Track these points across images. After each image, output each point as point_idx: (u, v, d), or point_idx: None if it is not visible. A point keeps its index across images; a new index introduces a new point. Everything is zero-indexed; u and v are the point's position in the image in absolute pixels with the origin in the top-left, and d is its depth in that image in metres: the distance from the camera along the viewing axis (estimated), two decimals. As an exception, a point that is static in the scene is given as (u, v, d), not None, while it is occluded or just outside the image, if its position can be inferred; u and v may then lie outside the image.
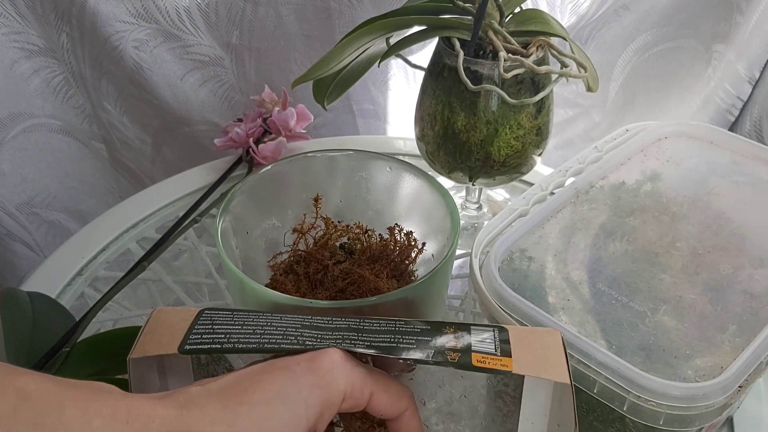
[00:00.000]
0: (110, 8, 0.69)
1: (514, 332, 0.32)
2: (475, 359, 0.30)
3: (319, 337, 0.31)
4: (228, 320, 0.32)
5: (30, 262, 0.83)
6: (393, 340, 0.31)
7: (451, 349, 0.30)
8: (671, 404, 0.32)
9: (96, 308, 0.48)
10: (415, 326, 0.32)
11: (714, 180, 0.45)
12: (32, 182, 0.79)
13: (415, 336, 0.31)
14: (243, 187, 0.45)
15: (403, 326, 0.32)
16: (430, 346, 0.31)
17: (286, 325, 0.32)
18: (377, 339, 0.31)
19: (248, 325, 0.32)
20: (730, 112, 0.77)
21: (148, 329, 0.33)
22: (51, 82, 0.75)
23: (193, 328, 0.32)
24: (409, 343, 0.31)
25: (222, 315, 0.33)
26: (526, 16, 0.51)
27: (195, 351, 0.31)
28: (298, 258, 0.47)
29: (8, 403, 0.24)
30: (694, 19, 0.73)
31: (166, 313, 0.33)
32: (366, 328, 0.32)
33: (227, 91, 0.79)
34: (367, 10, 0.72)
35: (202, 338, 0.31)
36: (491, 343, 0.31)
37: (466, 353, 0.30)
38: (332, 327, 0.32)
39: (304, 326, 0.32)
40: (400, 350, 0.30)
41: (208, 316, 0.33)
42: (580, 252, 0.41)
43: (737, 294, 0.37)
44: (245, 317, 0.33)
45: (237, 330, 0.32)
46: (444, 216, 0.44)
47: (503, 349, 0.31)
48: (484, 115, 0.49)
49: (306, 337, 0.31)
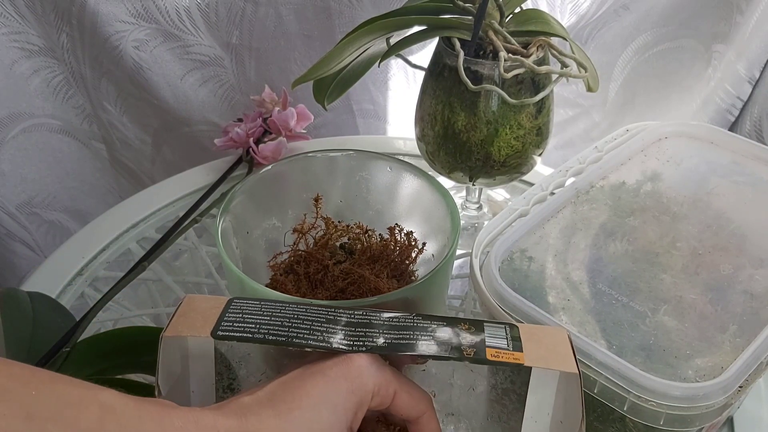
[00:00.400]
0: (110, 8, 0.69)
1: (524, 329, 0.34)
2: (489, 354, 0.32)
3: (343, 332, 0.33)
4: (257, 310, 0.34)
5: (30, 262, 0.83)
6: (412, 336, 0.33)
7: (467, 344, 0.32)
8: (671, 404, 0.32)
9: (96, 308, 0.48)
10: (432, 322, 0.34)
11: (714, 180, 0.45)
12: (32, 182, 0.79)
13: (432, 332, 0.33)
14: (243, 187, 0.45)
15: (420, 322, 0.34)
16: (447, 341, 0.32)
17: (312, 319, 0.33)
18: (397, 335, 0.33)
19: (276, 317, 0.33)
20: (730, 112, 0.77)
21: (181, 312, 0.34)
22: (51, 82, 0.75)
23: (224, 316, 0.33)
24: (427, 339, 0.32)
25: (251, 305, 0.34)
26: (526, 16, 0.51)
27: (227, 337, 0.32)
28: (299, 258, 0.47)
29: (93, 415, 0.26)
30: (694, 19, 0.73)
31: (197, 300, 0.35)
32: (386, 323, 0.33)
33: (227, 91, 0.79)
34: (367, 10, 0.72)
35: (234, 326, 0.33)
36: (503, 338, 0.33)
37: (480, 348, 0.32)
38: (354, 322, 0.33)
39: (328, 320, 0.33)
40: (420, 346, 0.32)
41: (237, 306, 0.34)
42: (581, 252, 0.41)
43: (737, 294, 0.37)
44: (273, 308, 0.34)
45: (266, 321, 0.33)
46: (444, 216, 0.44)
47: (515, 345, 0.32)
48: (485, 115, 0.49)
49: (330, 333, 0.32)
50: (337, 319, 0.33)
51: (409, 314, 0.34)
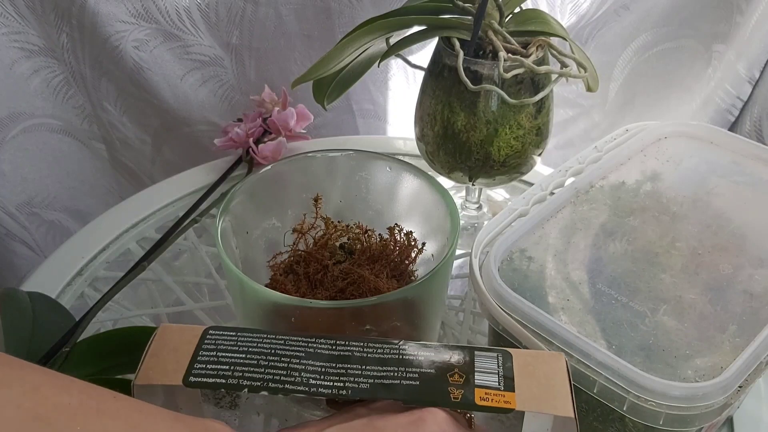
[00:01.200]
0: (110, 8, 0.69)
1: (518, 357, 0.32)
2: (478, 396, 0.30)
3: (322, 370, 0.31)
4: (232, 345, 0.32)
5: (30, 262, 0.83)
6: (396, 374, 0.31)
7: (455, 384, 0.31)
8: (671, 404, 0.32)
9: (96, 308, 0.48)
10: (419, 353, 0.32)
11: (714, 180, 0.45)
12: (32, 182, 0.79)
13: (417, 368, 0.31)
14: (243, 187, 0.45)
15: (405, 354, 0.32)
16: (433, 381, 0.31)
17: (291, 355, 0.32)
18: (380, 373, 0.31)
19: (252, 354, 0.32)
20: (730, 112, 0.77)
21: (153, 352, 0.32)
22: (51, 82, 0.75)
23: (197, 355, 0.32)
24: (412, 377, 0.31)
25: (226, 337, 0.33)
26: (526, 16, 0.51)
27: (200, 385, 0.31)
28: (298, 258, 0.47)
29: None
30: (694, 19, 0.73)
31: (170, 333, 0.33)
32: (369, 356, 0.32)
33: (227, 91, 0.79)
34: (367, 10, 0.72)
35: (207, 368, 0.31)
36: (494, 374, 0.31)
37: (469, 389, 0.30)
38: (335, 356, 0.32)
39: (307, 354, 0.32)
40: (404, 389, 0.30)
41: (212, 340, 0.33)
42: (580, 252, 0.41)
43: (737, 294, 0.37)
44: (249, 341, 0.32)
45: (241, 360, 0.31)
46: (444, 216, 0.44)
47: (506, 383, 0.31)
48: (484, 115, 0.49)
49: (309, 373, 0.31)
50: (317, 352, 0.32)
51: (395, 343, 0.33)
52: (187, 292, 0.56)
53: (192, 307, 0.55)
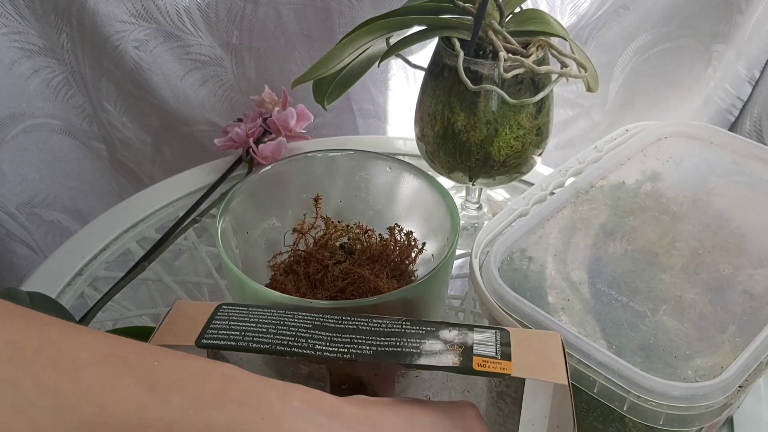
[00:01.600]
0: (110, 8, 0.69)
1: (515, 334, 0.33)
2: (476, 363, 0.31)
3: (328, 339, 0.32)
4: (244, 317, 0.34)
5: (30, 262, 0.83)
6: (398, 343, 0.32)
7: (454, 353, 0.32)
8: (671, 404, 0.32)
9: (96, 308, 0.48)
10: (420, 327, 0.33)
11: (714, 180, 0.45)
12: (32, 182, 0.79)
13: (419, 339, 0.32)
14: (243, 187, 0.45)
15: (408, 327, 0.33)
16: (434, 349, 0.32)
17: (298, 325, 0.33)
18: (384, 342, 0.32)
19: (262, 323, 0.33)
20: (730, 112, 0.77)
21: (169, 319, 0.34)
22: (51, 82, 0.75)
23: (210, 323, 0.33)
24: (413, 347, 0.32)
25: (238, 311, 0.34)
26: (526, 16, 0.51)
27: (211, 346, 0.32)
28: (298, 258, 0.47)
29: (216, 384, 0.26)
30: (694, 19, 0.73)
31: (186, 306, 0.35)
32: (373, 329, 0.33)
33: (227, 91, 0.79)
34: (367, 10, 0.72)
35: (219, 333, 0.32)
36: (492, 345, 0.32)
37: (467, 357, 0.31)
38: (341, 328, 0.33)
39: (315, 326, 0.33)
40: (406, 355, 0.32)
41: (225, 312, 0.34)
42: (580, 252, 0.41)
43: (737, 294, 0.37)
44: (260, 314, 0.34)
45: (252, 328, 0.33)
46: (444, 216, 0.44)
47: (503, 352, 0.32)
48: (484, 115, 0.49)
49: (316, 340, 0.32)
50: (324, 324, 0.33)
51: (398, 319, 0.34)
52: (187, 292, 0.56)
53: (192, 307, 0.55)
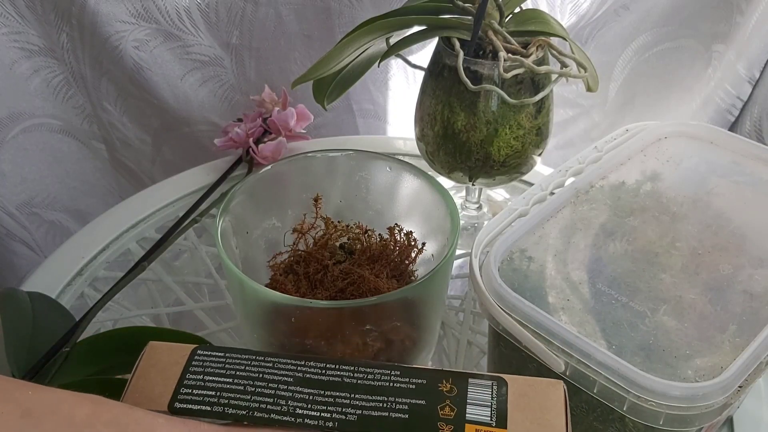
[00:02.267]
0: (110, 8, 0.69)
1: (514, 386, 0.31)
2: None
3: (310, 398, 0.31)
4: (220, 368, 0.32)
5: (30, 262, 0.83)
6: (385, 405, 0.30)
7: (445, 419, 0.30)
8: (671, 404, 0.32)
9: (96, 308, 0.48)
10: (410, 380, 0.31)
11: (714, 180, 0.45)
12: (32, 182, 0.79)
13: (408, 397, 0.31)
14: (243, 187, 0.45)
15: (397, 380, 0.31)
16: (423, 413, 0.30)
17: (279, 380, 0.31)
18: (369, 403, 0.30)
19: (239, 378, 0.31)
20: (730, 112, 0.77)
21: (140, 373, 0.32)
22: (51, 82, 0.75)
23: (184, 378, 0.32)
24: (401, 409, 0.30)
25: (214, 359, 0.32)
26: (526, 16, 0.51)
27: (185, 411, 0.31)
28: (298, 258, 0.47)
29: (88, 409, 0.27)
30: (694, 19, 0.73)
31: (159, 351, 0.33)
32: (359, 383, 0.31)
33: (227, 91, 0.79)
34: (367, 10, 0.72)
35: (193, 393, 0.31)
36: (487, 406, 0.30)
37: (459, 425, 0.29)
38: (325, 382, 0.31)
39: (296, 380, 0.31)
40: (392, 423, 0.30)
41: (200, 361, 0.32)
42: (580, 252, 0.41)
43: (737, 294, 0.37)
44: (237, 364, 0.32)
45: (228, 385, 0.31)
46: (444, 216, 0.44)
47: (499, 416, 0.30)
48: (484, 115, 0.49)
49: (297, 401, 0.30)
50: (306, 378, 0.31)
51: (387, 367, 0.32)
52: (187, 292, 0.56)
53: (192, 307, 0.55)
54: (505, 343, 0.38)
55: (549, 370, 0.35)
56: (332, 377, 0.32)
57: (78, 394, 0.28)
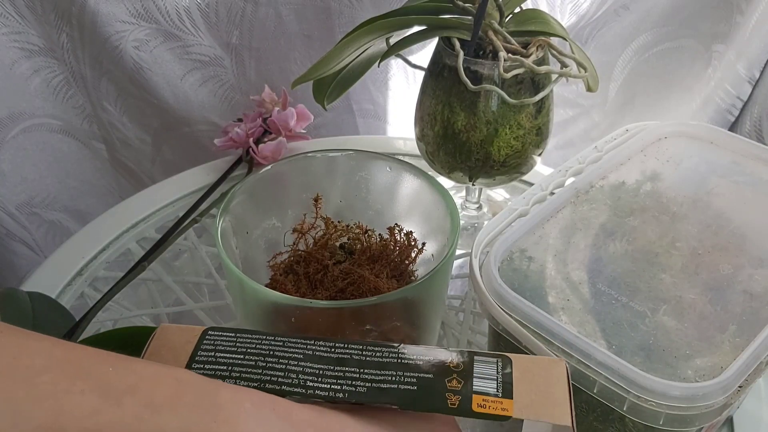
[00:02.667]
0: (110, 8, 0.69)
1: (518, 363, 0.31)
2: (475, 403, 0.30)
3: (320, 373, 0.31)
4: (231, 345, 0.32)
5: (30, 262, 0.83)
6: (394, 378, 0.31)
7: (452, 390, 0.30)
8: (671, 404, 0.32)
9: (96, 308, 0.48)
10: (417, 357, 0.32)
11: (714, 180, 0.45)
12: (32, 182, 0.79)
13: (416, 372, 0.31)
14: (243, 187, 0.45)
15: (405, 357, 0.32)
16: (431, 385, 0.30)
17: (289, 356, 0.32)
18: (378, 377, 0.31)
19: (251, 354, 0.32)
20: (730, 112, 0.77)
21: (152, 350, 0.32)
22: (51, 82, 0.75)
23: (196, 354, 0.32)
24: (410, 382, 0.31)
25: (225, 338, 0.33)
26: (526, 16, 0.51)
27: None
28: (298, 258, 0.47)
29: (170, 389, 0.26)
30: (694, 19, 0.73)
31: (170, 332, 0.33)
32: (368, 359, 0.32)
33: (227, 91, 0.79)
34: (367, 10, 0.72)
35: (205, 368, 0.31)
36: (493, 380, 0.31)
37: (466, 395, 0.30)
38: (334, 358, 0.32)
39: (306, 357, 0.32)
40: (402, 394, 0.30)
41: (211, 340, 0.33)
42: (580, 252, 0.41)
43: (737, 294, 0.37)
44: (248, 342, 0.32)
45: (239, 360, 0.31)
46: (444, 216, 0.44)
47: (505, 388, 0.30)
48: (484, 115, 0.49)
49: (307, 375, 0.31)
50: (316, 354, 0.32)
51: (394, 346, 0.32)
52: (187, 292, 0.56)
53: (192, 307, 0.55)
54: (505, 343, 0.38)
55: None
56: (341, 354, 0.32)
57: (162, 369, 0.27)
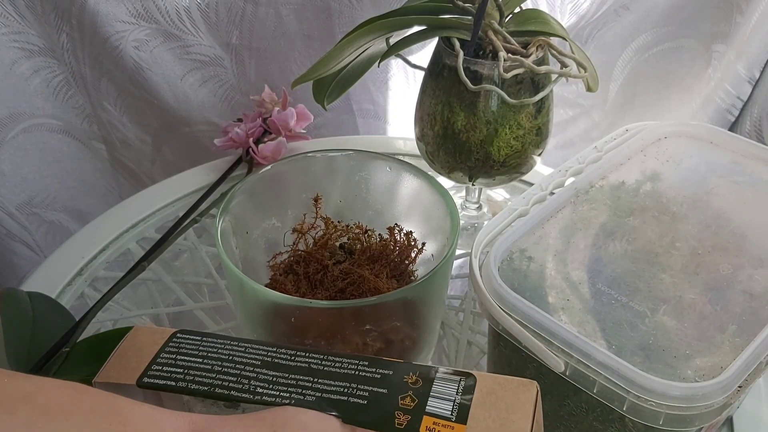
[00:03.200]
0: (110, 8, 0.69)
1: (482, 383, 0.30)
2: (425, 426, 0.28)
3: (273, 380, 0.31)
4: (193, 349, 0.33)
5: (30, 262, 0.83)
6: (346, 390, 0.30)
7: (403, 409, 0.29)
8: (671, 404, 0.32)
9: (96, 308, 0.48)
10: (377, 370, 0.31)
11: (714, 180, 0.45)
12: (32, 182, 0.79)
13: (371, 385, 0.30)
14: (243, 187, 0.45)
15: (364, 369, 0.31)
16: (382, 401, 0.30)
17: (246, 362, 0.32)
18: (330, 387, 0.30)
19: (209, 359, 0.32)
20: (730, 112, 0.77)
21: (120, 351, 0.33)
22: (51, 82, 0.75)
23: (158, 356, 0.32)
24: (361, 395, 0.30)
25: (190, 341, 0.33)
26: (526, 16, 0.51)
27: (151, 386, 0.31)
28: (298, 258, 0.47)
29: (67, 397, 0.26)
30: (694, 19, 0.73)
31: (141, 334, 0.34)
32: (325, 369, 0.31)
33: (227, 91, 0.79)
34: (367, 10, 0.72)
35: (162, 370, 0.32)
36: (450, 401, 0.29)
37: (416, 416, 0.29)
38: (291, 366, 0.32)
39: (263, 364, 0.32)
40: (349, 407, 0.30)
41: (176, 343, 0.33)
42: (580, 252, 0.41)
43: (737, 294, 0.37)
44: (210, 347, 0.33)
45: (197, 364, 0.32)
46: (444, 216, 0.44)
47: (461, 411, 0.29)
48: (484, 115, 0.49)
49: (260, 381, 0.31)
50: (273, 362, 0.32)
51: (356, 358, 0.32)
52: (187, 292, 0.56)
53: (192, 307, 0.55)
54: (505, 343, 0.38)
55: (549, 370, 0.35)
56: (300, 363, 0.32)
57: (60, 382, 0.27)
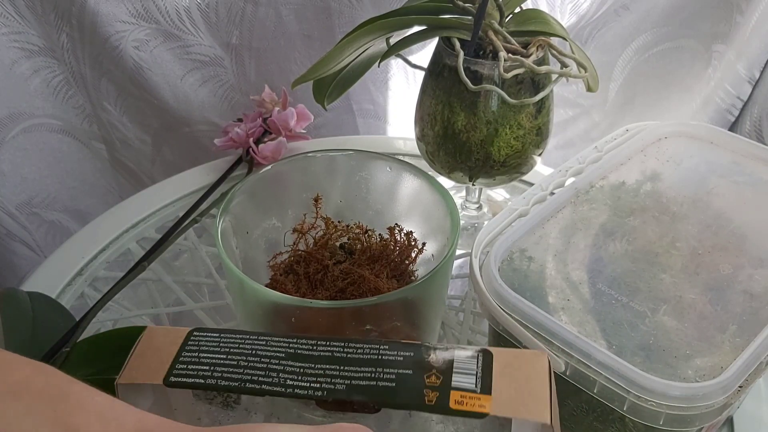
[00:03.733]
0: (110, 8, 0.69)
1: (499, 357, 0.31)
2: (453, 400, 0.29)
3: (300, 371, 0.31)
4: (215, 346, 0.33)
5: (30, 262, 0.83)
6: (374, 374, 0.31)
7: (431, 386, 0.30)
8: (671, 404, 0.32)
9: (96, 308, 0.48)
10: (398, 353, 0.32)
11: (714, 180, 0.45)
12: (32, 182, 0.79)
13: (395, 368, 0.31)
14: (243, 187, 0.45)
15: (386, 352, 0.32)
16: (410, 381, 0.30)
17: (271, 355, 0.32)
18: (358, 374, 0.31)
19: (233, 354, 0.32)
20: (730, 112, 0.77)
21: (138, 352, 0.33)
22: (51, 82, 0.75)
23: (180, 355, 0.32)
24: (389, 379, 0.31)
25: (209, 338, 0.33)
26: (526, 16, 0.51)
27: (179, 384, 0.31)
28: (298, 258, 0.47)
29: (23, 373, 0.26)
30: (694, 19, 0.73)
31: (157, 334, 0.34)
32: (349, 357, 0.32)
33: (227, 91, 0.79)
34: (367, 10, 0.72)
35: (188, 369, 0.32)
36: (472, 375, 0.30)
37: (444, 392, 0.30)
38: (315, 356, 0.32)
39: (287, 355, 0.32)
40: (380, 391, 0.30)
41: (195, 341, 0.33)
42: (580, 252, 0.41)
43: (737, 294, 0.37)
44: (231, 342, 0.33)
45: (222, 360, 0.32)
46: (444, 216, 0.44)
47: (483, 384, 0.30)
48: (484, 115, 0.49)
49: (288, 373, 0.31)
50: (297, 353, 0.32)
51: (376, 343, 0.32)
52: (187, 292, 0.56)
53: (192, 307, 0.55)
54: (505, 343, 0.38)
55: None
56: (323, 352, 0.32)
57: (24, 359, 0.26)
